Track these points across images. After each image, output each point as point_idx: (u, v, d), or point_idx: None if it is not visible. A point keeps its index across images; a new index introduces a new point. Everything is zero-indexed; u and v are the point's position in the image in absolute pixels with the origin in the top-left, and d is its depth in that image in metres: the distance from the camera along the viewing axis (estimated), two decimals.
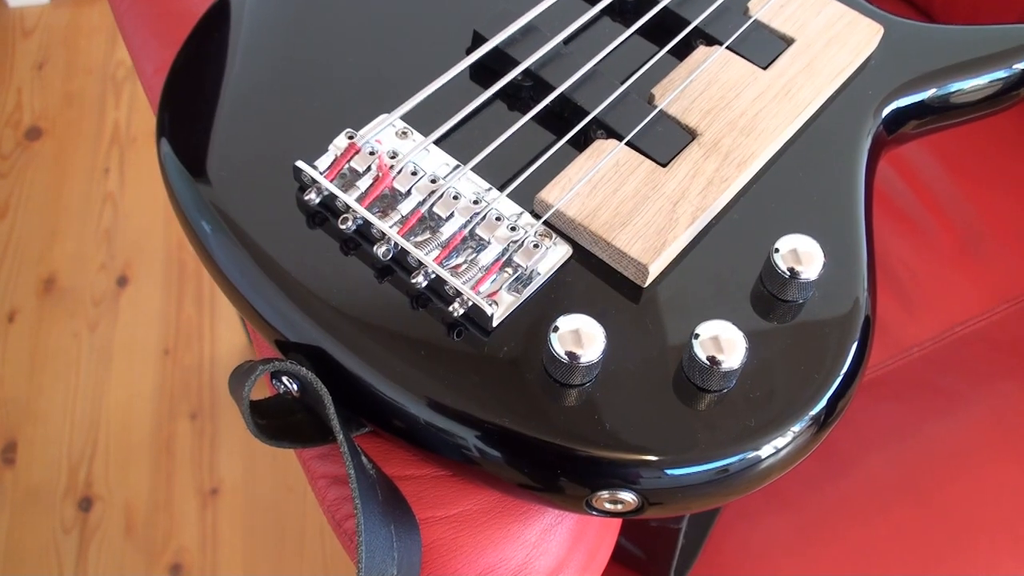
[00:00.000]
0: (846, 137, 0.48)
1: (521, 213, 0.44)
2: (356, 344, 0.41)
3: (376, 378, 0.41)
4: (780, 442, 0.42)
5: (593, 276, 0.43)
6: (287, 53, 0.48)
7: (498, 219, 0.43)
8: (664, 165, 0.45)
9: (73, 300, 1.37)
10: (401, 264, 0.42)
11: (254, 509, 1.20)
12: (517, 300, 0.42)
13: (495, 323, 0.41)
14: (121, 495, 1.21)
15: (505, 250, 0.43)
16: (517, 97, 0.48)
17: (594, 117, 0.46)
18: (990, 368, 0.80)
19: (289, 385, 0.42)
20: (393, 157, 0.44)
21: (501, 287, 0.42)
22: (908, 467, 0.75)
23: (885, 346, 0.82)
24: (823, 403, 0.42)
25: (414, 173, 0.44)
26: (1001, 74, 0.53)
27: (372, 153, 0.44)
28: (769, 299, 0.43)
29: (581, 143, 0.47)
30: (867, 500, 0.74)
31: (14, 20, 1.68)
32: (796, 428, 0.42)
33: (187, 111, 0.47)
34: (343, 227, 0.43)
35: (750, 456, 0.41)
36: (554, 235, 0.44)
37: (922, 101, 0.51)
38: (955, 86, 0.52)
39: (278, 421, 0.43)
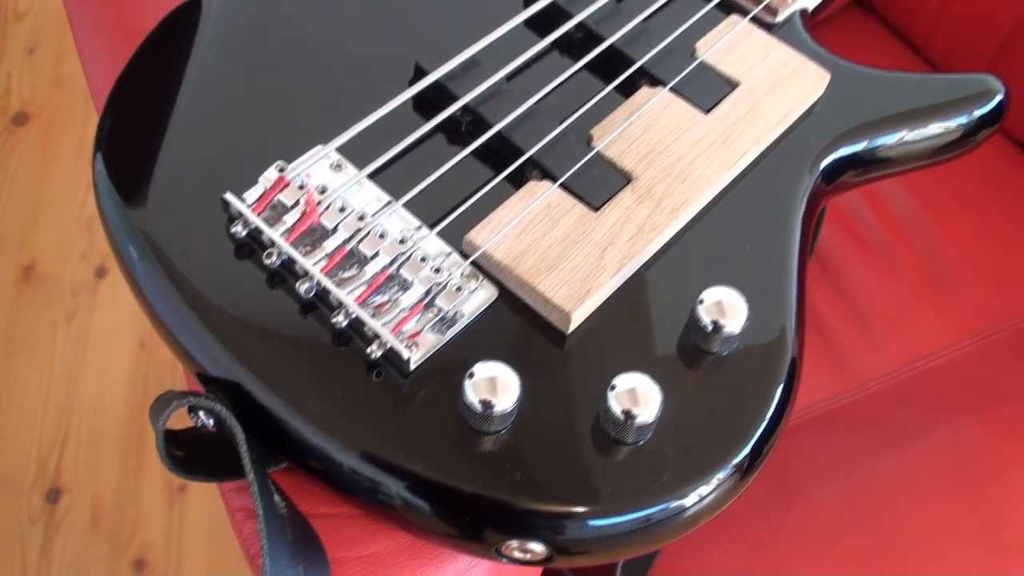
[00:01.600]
0: (783, 186, 0.48)
1: (449, 253, 0.44)
2: (274, 381, 0.41)
3: (292, 416, 0.41)
4: (704, 490, 0.41)
5: (518, 320, 0.43)
6: (227, 80, 0.48)
7: (423, 260, 0.43)
8: (596, 209, 0.45)
9: (52, 288, 1.37)
10: (324, 301, 0.42)
11: (220, 508, 1.20)
12: (440, 341, 0.42)
13: (413, 366, 0.41)
14: (89, 488, 1.21)
15: (428, 291, 0.42)
16: (456, 132, 0.48)
17: (529, 157, 0.46)
18: (946, 405, 0.80)
19: (206, 420, 0.42)
20: (323, 192, 0.44)
21: (424, 328, 0.42)
22: (857, 500, 0.75)
23: (843, 379, 0.82)
24: (747, 450, 0.42)
25: (342, 209, 0.44)
26: (949, 124, 0.53)
27: (301, 187, 0.44)
28: (693, 349, 0.43)
29: (517, 181, 0.47)
30: (816, 532, 0.74)
31: (7, 3, 1.67)
32: (720, 476, 0.42)
33: (124, 132, 0.47)
34: (267, 262, 0.43)
35: (673, 506, 0.41)
36: (481, 276, 0.44)
37: (865, 150, 0.51)
38: (900, 136, 0.51)
39: (195, 454, 0.43)
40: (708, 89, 0.49)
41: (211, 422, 0.42)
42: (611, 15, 0.51)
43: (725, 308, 0.42)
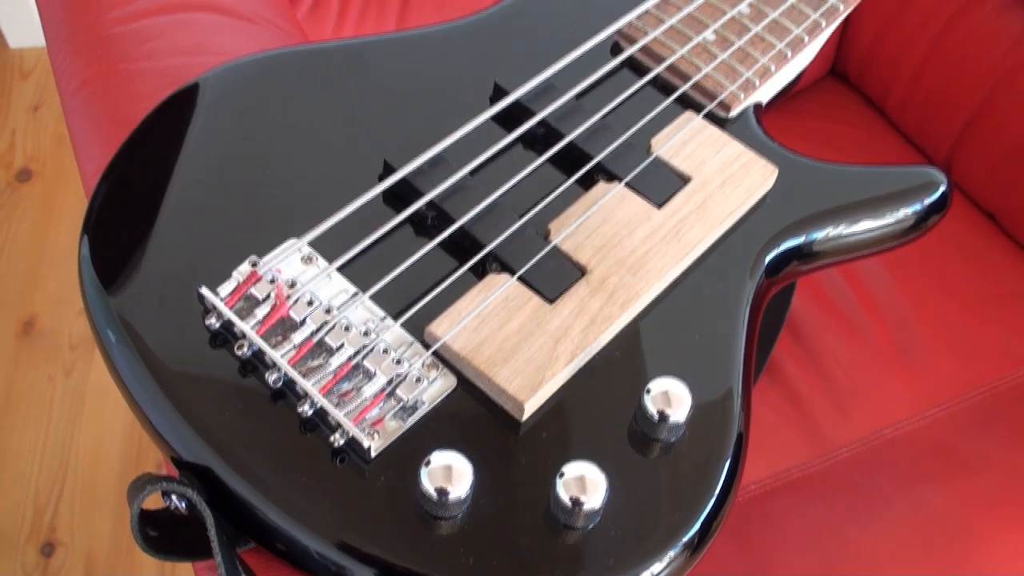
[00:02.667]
0: (731, 278, 0.50)
1: (411, 343, 0.47)
2: (243, 467, 0.43)
3: (259, 501, 0.43)
4: (656, 567, 0.44)
5: (475, 407, 0.46)
6: (206, 177, 0.51)
7: (385, 351, 0.46)
8: (551, 302, 0.48)
9: (51, 343, 1.40)
10: (292, 390, 0.45)
11: None
12: (401, 428, 0.45)
13: (374, 454, 0.44)
14: (84, 541, 1.23)
15: (390, 382, 0.45)
16: (423, 225, 0.51)
17: (489, 251, 0.49)
18: (916, 472, 0.82)
19: (178, 503, 0.44)
20: (292, 286, 0.47)
21: (386, 415, 0.45)
22: (828, 568, 0.77)
23: (814, 445, 0.84)
24: (696, 527, 0.44)
25: (310, 303, 0.46)
26: (894, 215, 0.55)
27: (272, 281, 0.47)
28: (641, 436, 0.45)
29: (479, 273, 0.49)
30: None
31: (14, 61, 1.72)
32: (671, 554, 0.44)
33: (109, 221, 0.50)
34: (238, 353, 0.45)
35: None
36: (441, 366, 0.46)
37: (812, 241, 0.53)
38: (846, 227, 0.54)
39: (169, 534, 0.45)
40: (661, 184, 0.52)
41: (183, 505, 0.44)
42: (572, 112, 0.54)
43: (671, 398, 0.45)
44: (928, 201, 0.56)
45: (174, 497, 0.44)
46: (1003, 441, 0.84)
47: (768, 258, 0.52)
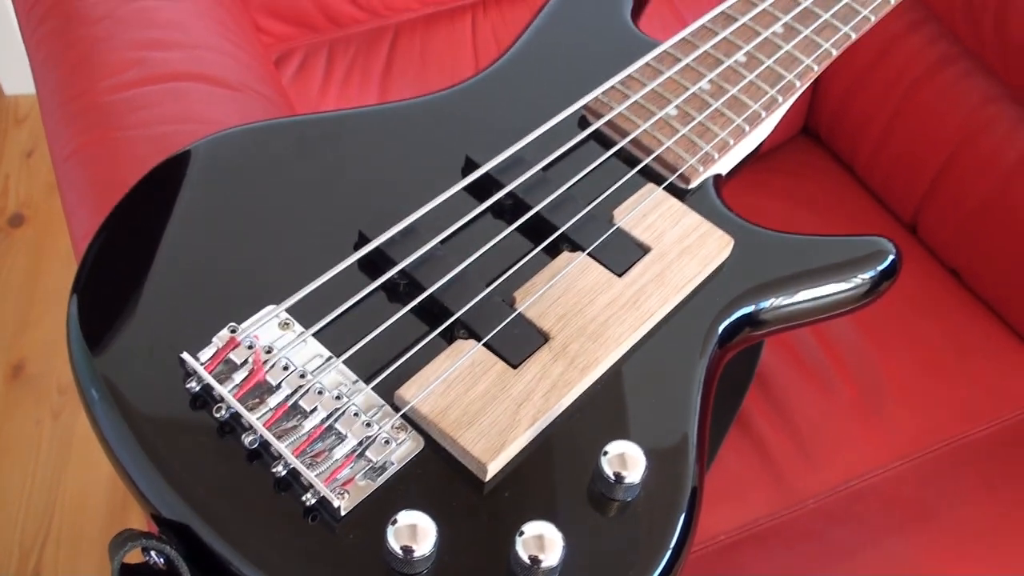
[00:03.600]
0: (687, 344, 0.53)
1: (382, 406, 0.49)
2: (220, 525, 0.46)
3: (235, 558, 0.45)
4: None
5: (442, 468, 0.48)
6: (188, 246, 0.54)
7: (356, 415, 0.48)
8: (515, 367, 0.51)
9: (39, 386, 1.42)
10: (267, 451, 0.47)
11: None
12: (371, 488, 0.47)
13: (343, 513, 0.46)
14: None
15: (360, 444, 0.48)
16: (396, 292, 0.54)
17: (457, 318, 0.52)
18: (881, 522, 0.85)
19: (157, 559, 0.46)
20: (269, 352, 0.49)
21: (357, 475, 0.47)
22: None
23: (781, 496, 0.86)
24: None
25: (286, 367, 0.49)
26: (846, 283, 0.58)
27: (250, 347, 0.49)
28: (599, 496, 0.48)
29: (448, 339, 0.52)
30: None
31: (8, 107, 1.75)
32: None
33: (96, 284, 0.53)
34: (217, 415, 0.48)
35: None
36: (410, 428, 0.49)
37: (766, 308, 0.56)
38: (799, 295, 0.57)
39: None
40: (622, 254, 0.55)
41: (161, 560, 0.46)
42: (539, 184, 0.57)
43: (626, 460, 0.47)
44: (878, 269, 0.59)
45: (153, 553, 0.46)
46: (965, 493, 0.87)
47: (722, 325, 0.54)
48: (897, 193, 1.02)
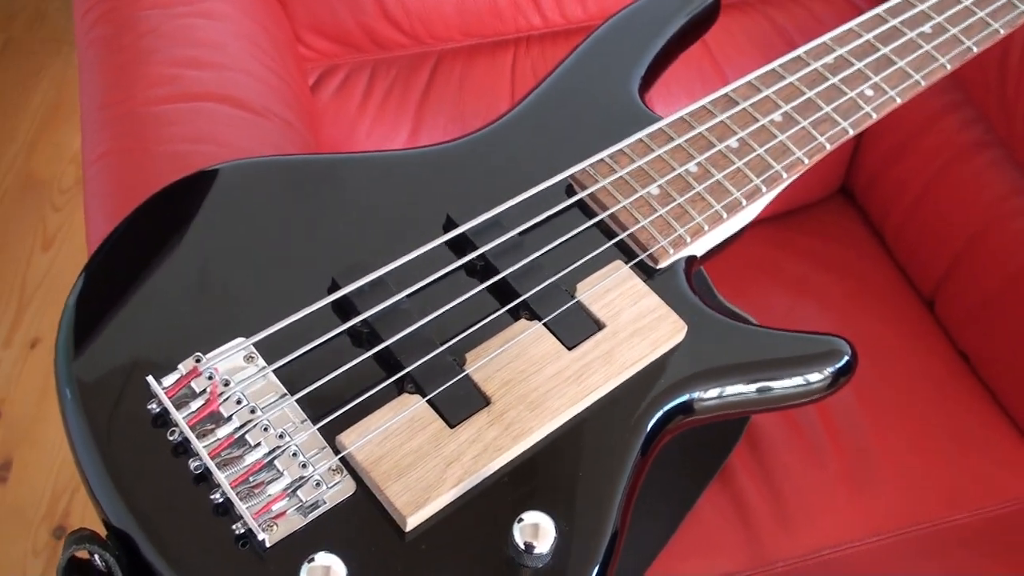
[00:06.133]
0: (623, 424, 0.56)
1: (323, 448, 0.53)
2: (160, 542, 0.50)
3: (168, 573, 0.50)
4: None
5: (369, 514, 0.52)
6: (170, 276, 0.58)
7: (294, 454, 0.52)
8: (452, 426, 0.54)
9: None
10: (210, 477, 0.52)
11: None
12: (300, 523, 0.51)
13: (268, 544, 0.50)
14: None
15: (293, 482, 0.51)
16: (359, 339, 0.57)
17: (407, 372, 0.55)
18: None
19: (99, 562, 0.51)
20: (226, 384, 0.53)
21: (289, 510, 0.51)
22: None
23: (752, 555, 0.88)
24: None
25: (239, 401, 0.53)
26: (800, 379, 0.60)
27: (210, 378, 0.53)
28: (508, 560, 0.51)
29: (398, 390, 0.55)
30: None
31: None
32: None
33: (92, 295, 0.57)
34: (170, 437, 0.52)
35: None
36: (345, 472, 0.53)
37: (710, 396, 0.58)
38: (747, 386, 0.59)
39: None
40: (576, 328, 0.58)
41: (102, 564, 0.51)
42: (511, 249, 0.60)
43: (537, 531, 0.50)
44: (833, 368, 0.61)
45: (96, 556, 0.51)
46: None
47: (663, 408, 0.57)
48: (919, 267, 1.03)
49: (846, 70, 0.70)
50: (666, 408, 0.57)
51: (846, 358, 0.61)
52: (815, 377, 0.60)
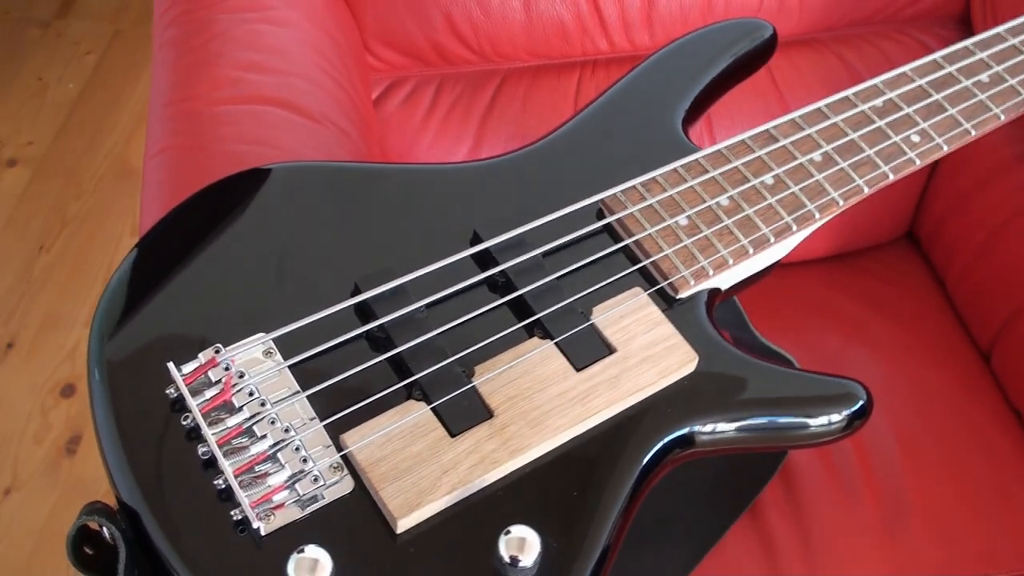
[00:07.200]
0: (625, 450, 0.57)
1: (328, 445, 0.55)
2: (165, 520, 0.53)
3: (169, 552, 0.52)
4: None
5: (364, 513, 0.54)
6: (214, 262, 0.61)
7: (297, 449, 0.54)
8: (453, 436, 0.55)
9: None
10: (216, 464, 0.54)
11: None
12: (297, 515, 0.53)
13: (263, 533, 0.52)
14: None
15: (292, 475, 0.53)
16: (376, 343, 0.59)
17: (416, 379, 0.57)
18: None
19: (107, 535, 0.54)
20: (241, 376, 0.56)
21: (288, 502, 0.53)
22: None
23: None
24: None
25: (251, 393, 0.55)
26: (812, 421, 0.60)
27: (226, 369, 0.56)
28: (495, 571, 0.52)
29: (407, 395, 0.57)
30: None
31: None
32: None
33: (131, 282, 0.60)
34: (183, 422, 0.55)
35: None
36: (345, 470, 0.54)
37: (713, 431, 0.59)
38: (752, 422, 0.59)
39: (102, 554, 0.55)
40: (587, 350, 0.59)
41: (110, 537, 0.54)
42: (533, 267, 0.61)
43: (523, 546, 0.51)
44: (847, 412, 0.61)
45: (105, 528, 0.54)
46: None
47: (665, 438, 0.57)
48: (978, 319, 1.01)
49: (894, 114, 0.70)
50: (668, 438, 0.58)
51: (861, 403, 0.60)
52: (825, 420, 0.60)
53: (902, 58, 0.98)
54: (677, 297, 0.62)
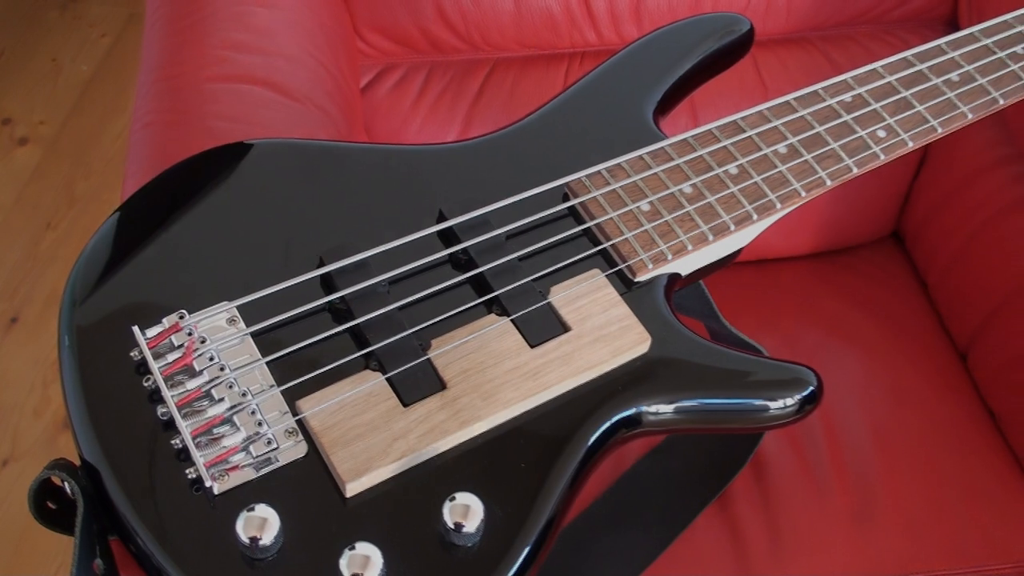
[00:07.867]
0: (572, 425, 0.58)
1: (284, 412, 0.57)
2: (124, 478, 0.55)
3: (125, 507, 0.54)
4: None
5: (315, 476, 0.55)
6: (184, 232, 0.62)
7: (253, 413, 0.56)
8: (406, 405, 0.57)
9: None
10: (174, 425, 0.56)
11: None
12: (250, 477, 0.55)
13: (217, 492, 0.54)
14: None
15: (247, 438, 0.55)
16: (338, 315, 0.61)
17: (373, 350, 0.58)
18: None
19: (68, 491, 0.56)
20: (203, 342, 0.58)
21: (243, 464, 0.55)
22: None
23: None
24: None
25: (211, 358, 0.57)
26: (755, 404, 0.61)
27: (189, 334, 0.58)
28: (438, 535, 0.54)
29: (364, 365, 0.59)
30: None
31: None
32: None
33: (104, 248, 0.62)
34: (145, 384, 0.56)
35: None
36: (299, 435, 0.56)
37: (662, 410, 0.60)
38: (704, 401, 0.61)
39: (64, 509, 0.57)
40: (542, 328, 0.60)
41: (71, 493, 0.56)
42: (496, 246, 0.63)
43: (467, 512, 0.53)
44: (799, 396, 0.62)
45: (67, 483, 0.56)
46: None
47: (615, 416, 0.59)
48: (957, 318, 1.01)
49: (862, 109, 0.71)
50: (618, 416, 0.59)
51: (811, 388, 0.62)
52: (779, 404, 0.61)
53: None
54: (635, 280, 0.64)
